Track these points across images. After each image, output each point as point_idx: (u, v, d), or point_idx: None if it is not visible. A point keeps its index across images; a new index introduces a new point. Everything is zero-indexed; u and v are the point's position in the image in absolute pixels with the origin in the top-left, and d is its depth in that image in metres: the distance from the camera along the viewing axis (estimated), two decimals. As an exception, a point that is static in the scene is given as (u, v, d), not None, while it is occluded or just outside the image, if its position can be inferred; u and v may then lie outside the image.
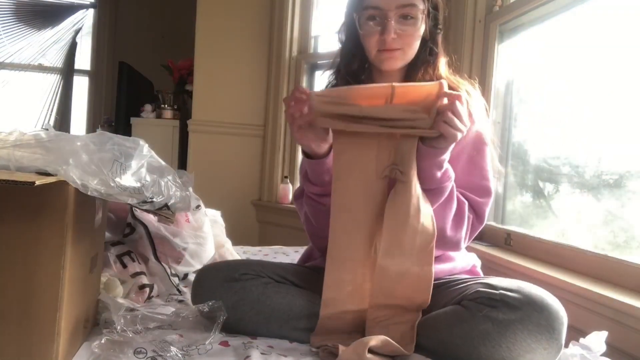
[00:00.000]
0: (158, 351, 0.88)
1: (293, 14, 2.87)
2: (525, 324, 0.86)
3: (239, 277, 1.04)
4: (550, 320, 0.86)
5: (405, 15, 1.05)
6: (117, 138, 0.85)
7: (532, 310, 0.87)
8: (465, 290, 0.98)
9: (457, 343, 0.91)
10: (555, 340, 0.86)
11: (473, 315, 0.90)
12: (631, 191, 1.38)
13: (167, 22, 4.26)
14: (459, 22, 1.92)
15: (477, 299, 0.92)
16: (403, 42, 1.07)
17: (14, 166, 0.77)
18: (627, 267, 1.23)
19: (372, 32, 1.07)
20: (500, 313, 0.88)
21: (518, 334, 0.86)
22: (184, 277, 1.41)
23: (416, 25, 1.06)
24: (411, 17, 1.06)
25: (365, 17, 1.07)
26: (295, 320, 1.03)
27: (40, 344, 0.78)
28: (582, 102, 1.57)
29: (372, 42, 1.08)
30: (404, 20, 1.06)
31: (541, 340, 0.86)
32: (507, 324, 0.87)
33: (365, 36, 1.08)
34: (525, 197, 1.76)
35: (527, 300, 0.88)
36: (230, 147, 3.00)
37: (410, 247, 0.97)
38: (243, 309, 1.02)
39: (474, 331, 0.89)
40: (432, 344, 0.96)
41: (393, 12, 1.04)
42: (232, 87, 2.96)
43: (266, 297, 1.03)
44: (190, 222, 1.41)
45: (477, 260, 1.22)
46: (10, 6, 4.30)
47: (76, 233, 0.81)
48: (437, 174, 0.98)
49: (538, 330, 0.86)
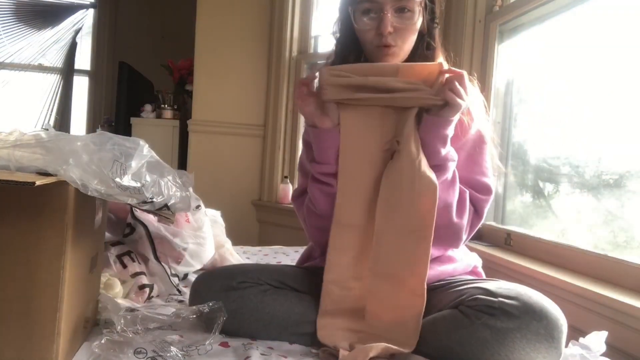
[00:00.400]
0: (158, 351, 0.88)
1: (293, 14, 2.87)
2: (523, 332, 0.86)
3: (236, 286, 1.03)
4: (550, 329, 0.86)
5: (401, 8, 1.03)
6: (117, 138, 0.85)
7: (530, 319, 0.86)
8: (463, 293, 0.97)
9: (456, 349, 0.91)
10: (555, 349, 0.86)
11: (472, 322, 0.90)
12: (631, 191, 1.38)
13: (167, 22, 4.26)
14: (459, 22, 1.93)
15: (476, 307, 0.91)
16: (400, 36, 1.04)
17: (14, 166, 0.77)
18: (627, 267, 1.23)
19: (368, 26, 1.04)
20: (498, 321, 0.87)
21: (517, 343, 0.86)
22: (184, 277, 1.41)
23: (413, 18, 1.04)
24: (408, 10, 1.03)
25: (361, 11, 1.05)
26: (294, 326, 1.03)
27: (40, 344, 0.78)
28: (582, 102, 1.56)
29: (369, 37, 1.05)
30: (401, 14, 1.03)
31: (540, 349, 0.86)
32: (506, 333, 0.86)
33: (361, 31, 1.06)
34: (525, 197, 1.76)
35: (525, 309, 0.87)
36: (230, 147, 3.00)
37: (406, 212, 0.99)
38: (242, 317, 1.01)
39: (472, 338, 0.89)
40: (430, 349, 0.95)
41: (389, 5, 1.01)
42: (232, 87, 2.96)
43: (265, 304, 1.02)
44: (191, 222, 1.41)
45: (478, 260, 1.21)
46: (10, 6, 4.30)
47: (76, 233, 0.81)
48: (441, 150, 1.00)
49: (537, 339, 0.85)
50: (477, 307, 0.90)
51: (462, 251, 1.18)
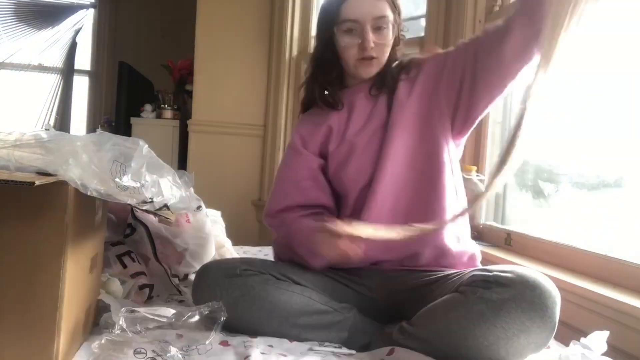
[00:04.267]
0: (158, 351, 0.88)
1: (293, 14, 2.86)
2: (518, 302, 0.87)
3: (240, 273, 1.06)
4: (543, 298, 0.88)
5: (379, 26, 1.15)
6: (117, 138, 0.86)
7: (524, 288, 0.88)
8: (462, 278, 1.00)
9: (453, 329, 0.92)
10: (549, 319, 0.88)
11: (468, 298, 0.92)
12: (631, 191, 1.38)
13: (167, 22, 4.26)
14: (459, 22, 1.92)
15: (472, 283, 0.94)
16: (379, 50, 1.16)
17: (14, 166, 0.77)
18: (627, 267, 1.23)
19: (351, 43, 1.16)
20: (494, 293, 0.89)
21: (512, 313, 0.87)
22: (184, 277, 1.41)
23: (389, 35, 1.16)
24: (384, 28, 1.15)
25: (343, 29, 1.15)
26: (295, 316, 1.04)
27: (40, 344, 0.78)
28: (583, 101, 1.56)
29: (352, 52, 1.16)
30: (378, 31, 1.15)
31: (535, 318, 0.87)
32: (501, 303, 0.88)
33: (345, 47, 1.17)
34: (525, 197, 1.76)
35: (519, 279, 0.89)
36: (230, 147, 3.00)
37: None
38: (244, 304, 1.03)
39: (469, 313, 0.91)
40: (428, 334, 0.96)
41: (369, 24, 1.13)
42: (232, 87, 2.96)
43: (267, 293, 1.04)
44: (191, 223, 1.41)
45: (478, 251, 1.22)
46: (10, 6, 4.30)
47: (76, 233, 0.81)
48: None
49: (532, 307, 0.87)
50: (474, 283, 0.94)
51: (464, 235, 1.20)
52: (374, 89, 1.22)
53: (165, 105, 3.44)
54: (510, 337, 0.88)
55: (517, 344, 0.88)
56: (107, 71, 4.48)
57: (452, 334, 0.92)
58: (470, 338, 0.90)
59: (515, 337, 0.88)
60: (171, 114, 3.43)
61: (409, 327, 1.00)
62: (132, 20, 4.45)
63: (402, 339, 0.99)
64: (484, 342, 0.89)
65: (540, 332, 0.88)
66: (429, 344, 0.94)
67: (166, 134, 3.37)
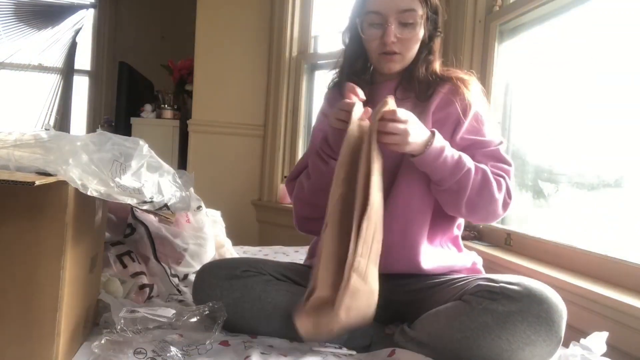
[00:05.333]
0: (158, 351, 0.88)
1: (293, 14, 2.87)
2: (525, 315, 0.86)
3: (240, 274, 1.05)
4: (550, 313, 0.87)
5: (405, 20, 1.10)
6: (117, 138, 0.85)
7: (531, 302, 0.87)
8: (466, 285, 0.99)
9: (457, 337, 0.91)
10: (555, 333, 0.87)
11: (473, 308, 0.91)
12: (631, 191, 1.38)
13: (167, 22, 4.26)
14: (459, 22, 1.92)
15: (478, 293, 0.92)
16: (403, 46, 1.12)
17: (14, 166, 0.77)
18: (627, 267, 1.23)
19: (373, 36, 1.12)
20: (500, 305, 0.88)
21: (518, 326, 0.86)
22: (184, 277, 1.41)
23: (415, 30, 1.11)
24: (410, 23, 1.10)
25: (368, 22, 1.13)
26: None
27: (40, 344, 0.78)
28: (582, 101, 1.56)
29: (374, 45, 1.13)
30: (404, 25, 1.10)
31: (540, 332, 0.86)
32: (507, 316, 0.87)
33: (367, 40, 1.14)
34: (525, 197, 1.76)
35: (526, 293, 0.88)
36: (230, 147, 3.00)
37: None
38: (244, 305, 1.03)
39: (473, 323, 0.89)
40: (431, 340, 0.95)
41: (393, 17, 1.09)
42: (232, 87, 2.96)
43: (267, 294, 1.04)
44: (191, 223, 1.41)
45: (477, 257, 1.22)
46: (10, 6, 4.30)
47: (76, 233, 0.81)
48: (443, 172, 1.02)
49: (538, 322, 0.86)
50: (479, 293, 0.92)
51: (461, 249, 1.20)
52: (399, 90, 1.17)
53: (165, 105, 3.44)
54: (514, 349, 0.87)
55: (521, 357, 0.87)
56: (107, 71, 4.48)
57: (454, 343, 0.91)
58: (474, 348, 0.89)
59: (520, 349, 0.87)
60: (171, 114, 3.43)
61: (410, 330, 1.00)
62: (132, 20, 4.45)
63: (403, 342, 0.99)
64: (488, 353, 0.88)
65: (546, 345, 0.87)
66: (430, 350, 0.94)
67: (166, 134, 3.37)
